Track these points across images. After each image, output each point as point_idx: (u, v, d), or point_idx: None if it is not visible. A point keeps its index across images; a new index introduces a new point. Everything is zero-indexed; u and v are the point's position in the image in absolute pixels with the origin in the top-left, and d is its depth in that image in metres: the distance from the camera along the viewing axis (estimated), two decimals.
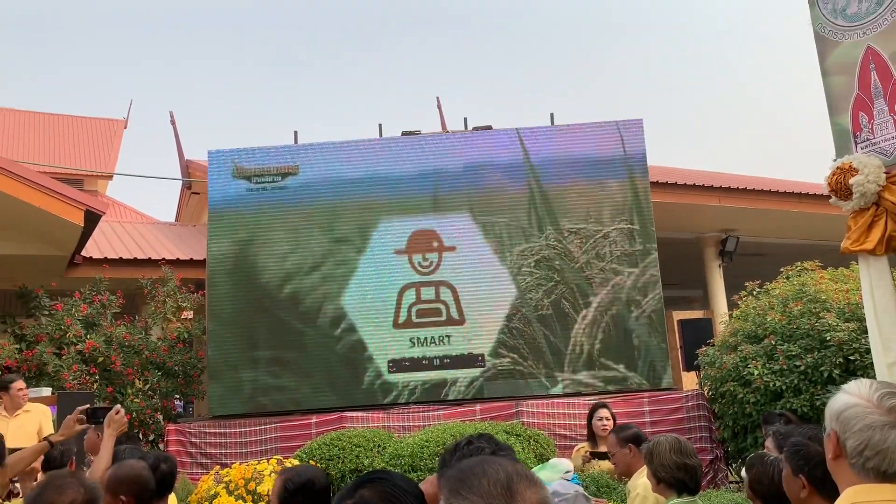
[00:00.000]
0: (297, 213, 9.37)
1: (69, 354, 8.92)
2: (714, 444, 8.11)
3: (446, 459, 2.20)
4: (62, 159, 20.78)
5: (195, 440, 8.52)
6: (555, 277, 9.16)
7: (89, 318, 9.53)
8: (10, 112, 22.94)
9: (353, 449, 7.07)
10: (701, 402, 8.27)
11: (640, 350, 8.96)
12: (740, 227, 13.20)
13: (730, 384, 7.53)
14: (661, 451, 3.23)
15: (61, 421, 5.08)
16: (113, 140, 23.13)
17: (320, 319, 9.16)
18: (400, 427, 8.18)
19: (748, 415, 7.32)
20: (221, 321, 9.25)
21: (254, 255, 9.34)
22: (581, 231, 9.24)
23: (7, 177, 8.69)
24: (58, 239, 9.82)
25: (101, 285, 9.87)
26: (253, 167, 9.51)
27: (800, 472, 2.37)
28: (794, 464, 2.41)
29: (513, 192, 9.35)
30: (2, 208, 9.20)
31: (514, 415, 8.14)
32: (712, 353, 8.08)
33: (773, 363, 7.19)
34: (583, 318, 9.05)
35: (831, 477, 1.89)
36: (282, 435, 8.30)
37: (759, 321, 7.71)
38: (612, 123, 9.48)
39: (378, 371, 9.04)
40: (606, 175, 9.33)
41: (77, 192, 9.33)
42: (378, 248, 9.28)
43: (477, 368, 8.97)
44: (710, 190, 12.08)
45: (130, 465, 3.19)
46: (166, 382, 9.52)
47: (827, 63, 4.54)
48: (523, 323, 9.07)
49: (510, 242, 9.25)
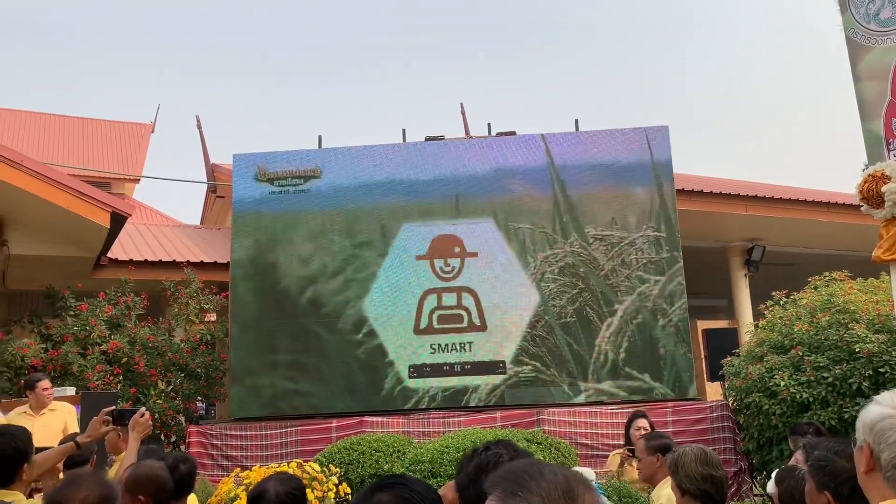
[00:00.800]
0: (319, 217, 9.39)
1: (93, 355, 9.00)
2: (738, 456, 7.98)
3: (463, 465, 2.16)
4: (91, 162, 21.05)
5: (216, 442, 8.55)
6: (579, 284, 9.05)
7: (114, 319, 9.61)
8: (42, 116, 23.30)
9: (373, 454, 7.05)
10: (725, 412, 8.15)
11: (666, 360, 8.82)
12: (767, 236, 13.03)
13: (755, 395, 7.41)
14: (686, 462, 3.15)
15: (86, 421, 5.12)
16: (140, 144, 23.38)
17: (341, 324, 9.15)
18: (420, 433, 8.14)
19: (774, 426, 7.19)
20: (243, 324, 9.29)
21: (276, 258, 9.36)
22: (606, 238, 9.13)
23: (35, 178, 8.80)
24: (84, 240, 9.93)
25: (125, 287, 9.95)
26: (276, 170, 9.55)
27: (825, 489, 2.28)
28: (818, 479, 2.32)
29: (537, 197, 9.27)
30: (30, 209, 9.32)
31: (535, 422, 8.07)
32: (737, 364, 7.96)
33: (800, 374, 7.06)
34: (607, 327, 8.93)
35: (859, 493, 1.82)
36: (302, 438, 8.31)
37: (786, 331, 7.58)
38: (637, 130, 9.40)
39: (398, 377, 9.00)
40: (632, 182, 9.22)
41: (103, 194, 9.43)
42: (400, 253, 9.25)
43: (498, 376, 8.89)
44: (737, 198, 11.94)
45: (149, 466, 3.19)
46: (189, 384, 9.57)
47: (859, 68, 4.46)
48: (546, 331, 8.98)
49: (534, 248, 9.17)
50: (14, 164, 8.72)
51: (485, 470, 2.05)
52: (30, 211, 9.39)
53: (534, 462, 1.14)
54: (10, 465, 2.92)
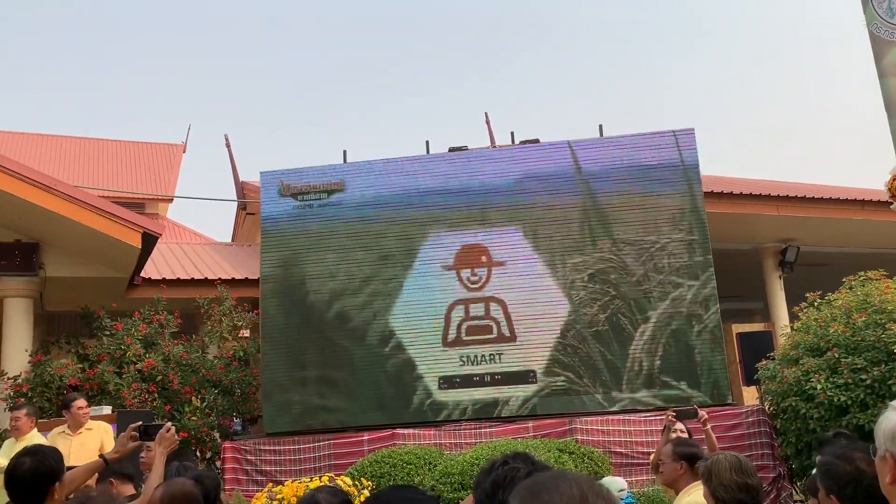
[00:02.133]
0: (345, 231, 9.44)
1: (129, 373, 9.14)
2: (776, 462, 7.83)
3: (480, 480, 2.13)
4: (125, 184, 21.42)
5: (251, 457, 8.62)
6: (610, 292, 8.93)
7: (148, 337, 9.75)
8: (77, 140, 23.80)
9: (404, 467, 7.05)
10: (762, 417, 8.00)
11: (703, 367, 8.61)
12: (800, 236, 12.80)
13: (792, 399, 7.27)
14: (721, 471, 3.07)
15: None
16: (172, 164, 23.74)
17: (369, 338, 9.16)
18: (451, 444, 8.12)
19: (812, 431, 7.04)
20: (273, 340, 9.36)
21: (302, 273, 9.43)
22: (637, 243, 9.00)
23: (67, 201, 8.98)
24: (117, 261, 10.10)
25: (159, 305, 10.09)
26: (300, 185, 9.62)
27: (830, 493, 2.25)
28: (824, 484, 2.30)
29: (564, 204, 9.21)
30: (64, 232, 9.52)
31: (568, 432, 8.00)
32: (773, 367, 7.82)
33: (836, 377, 6.92)
34: (641, 334, 8.78)
35: (861, 495, 1.77)
36: (335, 452, 8.34)
37: (822, 333, 7.44)
38: (664, 133, 9.30)
39: (428, 390, 8.97)
40: (660, 185, 9.11)
41: (134, 215, 9.58)
42: (426, 264, 9.25)
43: (530, 387, 8.79)
44: (768, 199, 11.76)
45: (181, 483, 3.21)
46: (223, 400, 9.66)
47: (883, 64, 4.38)
48: (578, 340, 8.85)
49: (562, 256, 9.10)
50: (47, 188, 8.92)
51: (502, 485, 2.01)
52: (64, 234, 9.59)
53: (554, 475, 1.14)
54: (43, 484, 2.96)
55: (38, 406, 8.82)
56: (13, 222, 9.52)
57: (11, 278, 9.79)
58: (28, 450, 3.09)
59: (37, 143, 22.46)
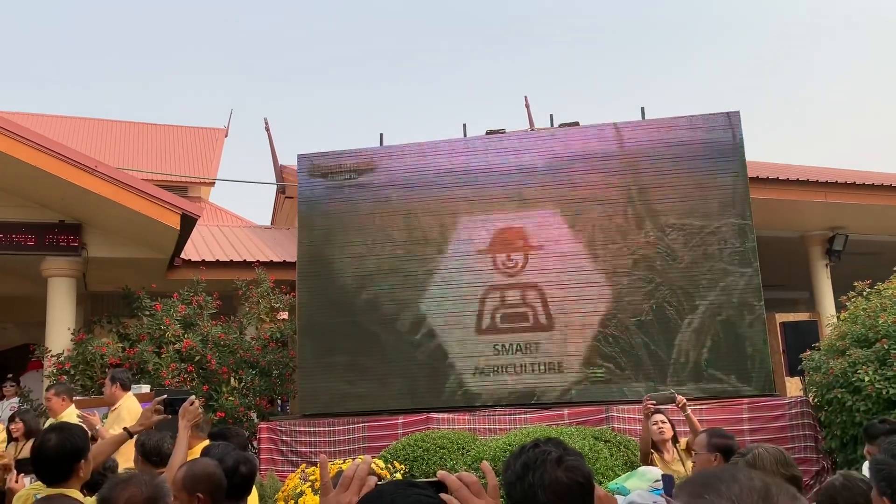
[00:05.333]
0: (380, 214, 9.33)
1: (168, 353, 9.25)
2: (820, 455, 7.61)
3: (510, 462, 2.08)
4: (169, 167, 21.70)
5: (286, 438, 8.67)
6: (655, 279, 8.58)
7: (187, 318, 9.86)
8: (125, 124, 24.22)
9: (438, 451, 7.00)
10: (806, 409, 7.78)
11: (755, 359, 8.25)
12: (849, 224, 12.40)
13: (837, 391, 7.05)
14: (766, 465, 2.89)
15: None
16: (215, 148, 23.99)
17: (399, 324, 9.00)
18: (486, 430, 8.04)
19: (858, 424, 6.81)
20: (307, 322, 9.35)
21: (338, 255, 9.37)
22: (685, 227, 8.58)
23: (109, 182, 9.10)
24: (157, 242, 10.22)
25: (198, 287, 10.20)
26: (336, 167, 9.53)
27: (883, 495, 2.11)
28: (878, 484, 2.16)
29: (606, 186, 8.87)
30: (106, 213, 9.65)
31: (604, 420, 7.85)
32: (818, 358, 7.59)
33: (885, 369, 6.70)
34: (688, 324, 8.41)
35: None
36: (369, 434, 8.33)
37: (870, 324, 7.20)
38: (709, 116, 8.97)
39: (460, 380, 8.76)
40: (708, 168, 8.72)
41: (173, 196, 9.67)
42: (460, 247, 9.03)
43: (567, 377, 8.52)
44: (816, 185, 11.40)
45: (205, 463, 3.20)
46: (260, 381, 9.73)
47: None
48: (620, 329, 8.53)
49: (604, 240, 8.79)
50: (89, 169, 9.04)
51: (532, 468, 1.98)
52: (106, 215, 9.72)
53: (734, 468, 1.06)
54: (69, 462, 2.98)
55: (80, 384, 9.00)
56: (56, 203, 9.69)
57: (55, 258, 9.97)
58: (54, 427, 3.11)
59: (86, 127, 22.92)
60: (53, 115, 22.66)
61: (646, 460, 5.33)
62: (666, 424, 5.41)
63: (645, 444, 5.38)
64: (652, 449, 5.34)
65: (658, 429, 5.36)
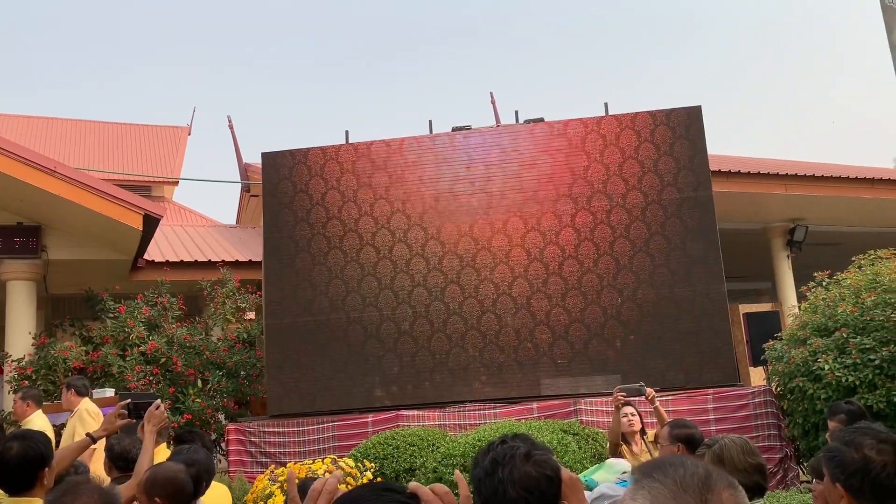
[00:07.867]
0: (345, 211, 9.28)
1: (132, 356, 9.12)
2: (783, 443, 7.76)
3: (479, 458, 2.10)
4: (131, 167, 21.35)
5: (254, 439, 8.59)
6: (620, 271, 8.75)
7: (151, 320, 9.73)
8: (82, 123, 23.74)
9: (407, 448, 7.00)
10: (769, 398, 7.92)
11: (719, 350, 8.43)
12: (809, 215, 12.66)
13: (799, 380, 7.18)
14: (732, 455, 2.92)
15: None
16: (178, 146, 23.65)
17: (366, 321, 9.01)
18: (456, 426, 8.07)
19: (819, 412, 6.95)
20: (274, 321, 9.28)
21: (304, 254, 9.29)
22: (649, 219, 8.75)
23: (68, 184, 8.93)
24: (120, 243, 10.06)
25: (162, 288, 10.06)
26: (305, 166, 9.51)
27: (836, 482, 2.14)
28: (830, 471, 2.19)
29: (572, 181, 9.00)
30: (66, 215, 9.47)
31: (572, 413, 7.93)
32: (780, 348, 7.73)
33: (845, 357, 6.83)
34: (653, 316, 8.59)
35: (868, 487, 1.70)
36: (339, 434, 8.29)
37: (830, 313, 7.34)
38: (671, 111, 9.05)
39: (429, 376, 8.84)
40: (669, 162, 8.83)
41: (135, 197, 9.53)
42: (427, 243, 9.08)
43: (535, 372, 8.68)
44: (776, 178, 11.61)
45: (167, 467, 3.16)
46: (227, 382, 9.63)
47: (894, 35, 4.25)
48: (587, 322, 8.73)
49: (570, 234, 8.94)
50: (48, 171, 8.86)
51: (501, 463, 2.01)
52: (66, 216, 9.55)
53: (682, 456, 1.18)
54: (32, 470, 2.91)
55: (42, 389, 8.82)
56: (14, 205, 9.49)
57: (13, 261, 9.78)
58: (16, 434, 3.04)
59: (43, 127, 22.43)
60: (6, 114, 22.14)
61: (615, 452, 5.39)
62: (635, 416, 5.49)
63: (614, 435, 5.44)
64: (621, 441, 5.41)
65: (628, 421, 5.44)
